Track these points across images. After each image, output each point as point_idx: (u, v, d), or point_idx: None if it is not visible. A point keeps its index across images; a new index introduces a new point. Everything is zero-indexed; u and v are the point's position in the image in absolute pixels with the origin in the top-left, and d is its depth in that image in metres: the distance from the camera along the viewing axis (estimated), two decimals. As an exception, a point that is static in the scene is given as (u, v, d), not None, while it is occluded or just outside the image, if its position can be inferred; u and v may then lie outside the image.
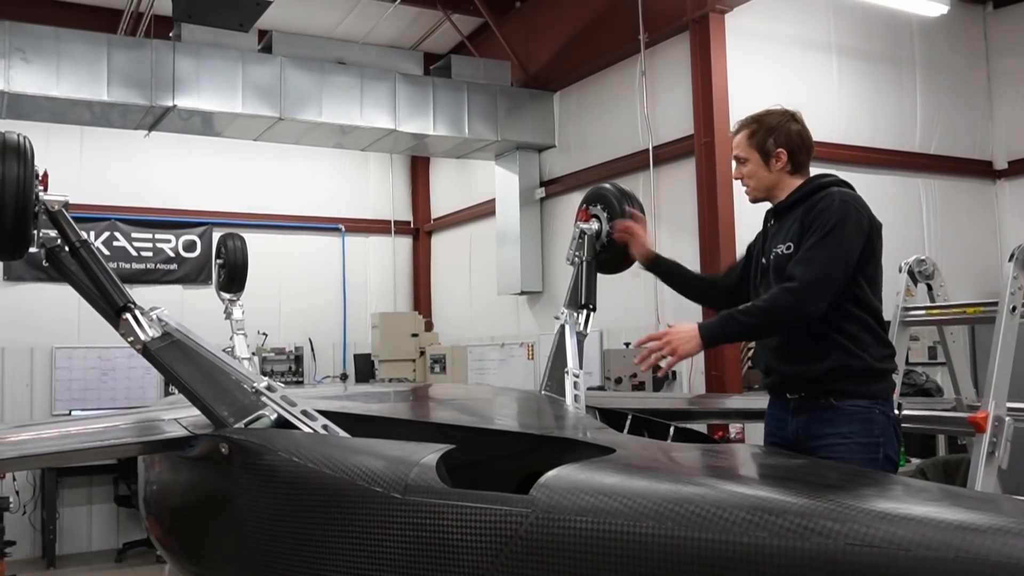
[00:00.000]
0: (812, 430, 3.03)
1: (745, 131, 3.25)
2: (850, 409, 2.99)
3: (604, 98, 8.98)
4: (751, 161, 3.24)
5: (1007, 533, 1.52)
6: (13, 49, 7.44)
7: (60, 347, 9.83)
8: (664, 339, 2.98)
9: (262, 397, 2.78)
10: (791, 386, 3.12)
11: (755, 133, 3.23)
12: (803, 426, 3.06)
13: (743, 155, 3.25)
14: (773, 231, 3.23)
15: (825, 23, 8.40)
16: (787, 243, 3.10)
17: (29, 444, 3.21)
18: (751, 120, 3.27)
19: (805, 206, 3.10)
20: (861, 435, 2.98)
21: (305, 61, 8.67)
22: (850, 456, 2.91)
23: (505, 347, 10.19)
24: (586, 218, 4.12)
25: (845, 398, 3.00)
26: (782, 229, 3.17)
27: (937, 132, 9.05)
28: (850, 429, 2.98)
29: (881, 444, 3.01)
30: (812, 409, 3.04)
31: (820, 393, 3.03)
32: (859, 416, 3.00)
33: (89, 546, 9.78)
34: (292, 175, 11.38)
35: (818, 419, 3.02)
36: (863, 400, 3.01)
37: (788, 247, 3.09)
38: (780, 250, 3.12)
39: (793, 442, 3.06)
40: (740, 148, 3.26)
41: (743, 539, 1.69)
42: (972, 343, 6.80)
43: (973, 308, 4.03)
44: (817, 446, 2.97)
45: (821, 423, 3.01)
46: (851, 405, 3.00)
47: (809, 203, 3.09)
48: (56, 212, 2.89)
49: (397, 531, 2.14)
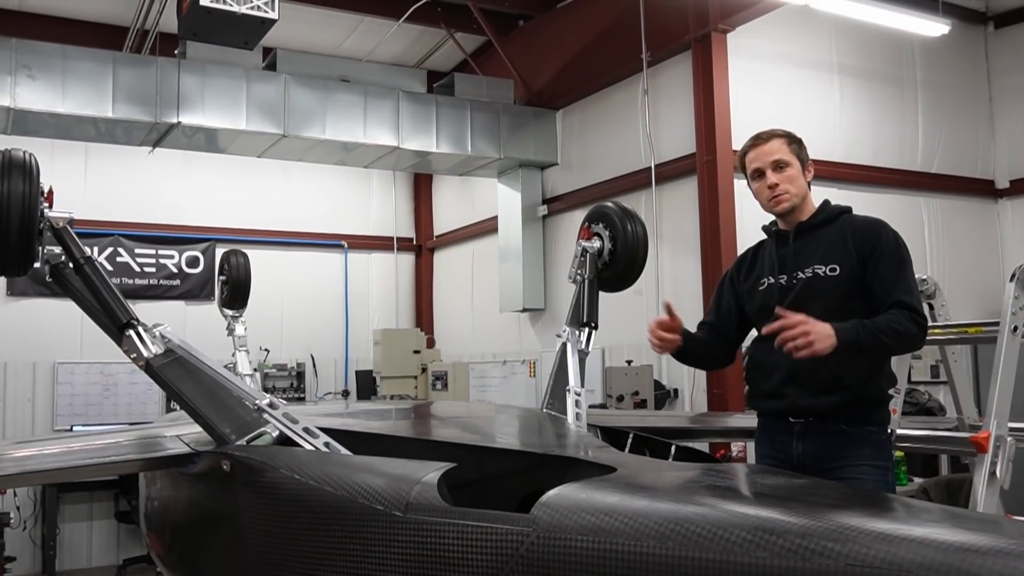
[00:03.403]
0: (822, 454, 2.97)
1: (781, 139, 3.13)
2: (861, 434, 2.97)
3: (607, 116, 9.02)
4: (793, 167, 3.11)
5: (1008, 555, 1.51)
6: (19, 66, 7.49)
7: (62, 362, 9.83)
8: (802, 328, 2.73)
9: (264, 414, 2.78)
10: (799, 411, 3.03)
11: (791, 142, 3.14)
12: (811, 450, 3.00)
13: (786, 159, 3.10)
14: (795, 250, 3.11)
15: (827, 43, 8.44)
16: (830, 265, 3.00)
17: (31, 460, 3.21)
18: (781, 131, 3.17)
19: (838, 229, 3.04)
20: (873, 459, 2.97)
21: (309, 79, 8.71)
22: (864, 479, 2.89)
23: (507, 364, 10.17)
24: (588, 236, 4.13)
25: (856, 424, 2.97)
26: (812, 250, 3.06)
27: (939, 151, 9.07)
28: (863, 453, 2.95)
29: (888, 468, 3.02)
30: (821, 434, 2.98)
31: (831, 419, 2.97)
32: (871, 440, 2.98)
33: (89, 562, 9.75)
34: (295, 192, 11.41)
35: (829, 444, 2.97)
36: (873, 426, 3.00)
37: (833, 269, 2.99)
38: (822, 271, 3.01)
39: (797, 466, 2.99)
40: (781, 152, 3.11)
41: (744, 559, 1.69)
42: (974, 363, 6.79)
43: (975, 328, 4.03)
44: (828, 469, 2.92)
45: (832, 447, 2.96)
46: (862, 430, 2.97)
47: (850, 226, 3.04)
48: (60, 229, 2.90)
49: (398, 549, 2.14)
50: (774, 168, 3.10)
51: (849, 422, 2.96)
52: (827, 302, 2.94)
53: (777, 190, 3.09)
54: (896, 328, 2.83)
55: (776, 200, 3.11)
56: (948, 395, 5.62)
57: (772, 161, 3.10)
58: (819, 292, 2.99)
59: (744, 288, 3.27)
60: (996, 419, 3.53)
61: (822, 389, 2.96)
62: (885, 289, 2.91)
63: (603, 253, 4.08)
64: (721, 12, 7.53)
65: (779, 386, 3.07)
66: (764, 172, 3.12)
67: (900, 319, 2.85)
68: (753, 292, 3.21)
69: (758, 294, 3.18)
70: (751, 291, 3.22)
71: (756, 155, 3.14)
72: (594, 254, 4.07)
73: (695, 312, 4.85)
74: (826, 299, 2.96)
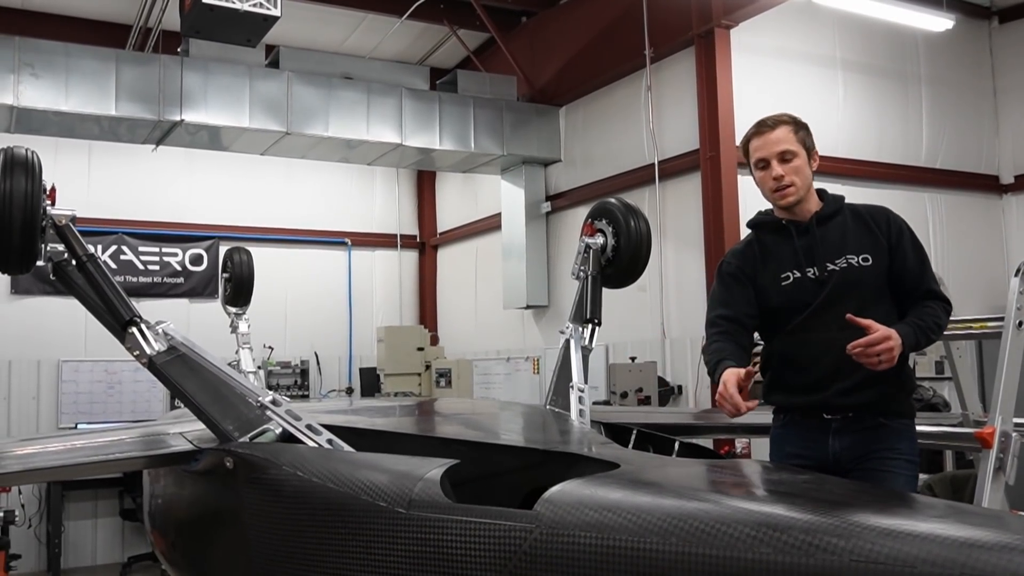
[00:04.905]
0: (861, 449, 2.93)
1: (787, 126, 3.00)
2: (898, 426, 2.97)
3: (610, 113, 9.01)
4: (799, 157, 2.99)
5: (1012, 550, 1.51)
6: (23, 64, 7.51)
7: (67, 360, 9.84)
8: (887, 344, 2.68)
9: (267, 411, 2.78)
10: (836, 407, 2.95)
11: (798, 130, 3.01)
12: (849, 446, 2.95)
13: (793, 149, 2.97)
14: (818, 239, 2.99)
15: (830, 38, 8.42)
16: (862, 255, 2.94)
17: (35, 458, 3.21)
18: (787, 117, 3.04)
19: (852, 217, 3.02)
20: (909, 452, 2.97)
21: (312, 76, 8.72)
22: (900, 472, 2.89)
23: (511, 361, 10.18)
24: (591, 233, 4.12)
25: (893, 416, 2.96)
26: (834, 240, 2.98)
27: (943, 147, 9.06)
28: (901, 446, 2.95)
29: (918, 462, 3.02)
30: (860, 429, 2.94)
31: (868, 413, 2.94)
32: (906, 433, 2.99)
33: (94, 560, 9.78)
34: (298, 189, 11.41)
35: (869, 437, 2.94)
36: (906, 419, 3.01)
37: (865, 259, 2.94)
38: (855, 261, 2.94)
39: (834, 463, 2.92)
40: (787, 142, 2.98)
41: (747, 555, 1.68)
42: (979, 358, 6.77)
43: (979, 323, 4.01)
44: (866, 464, 2.89)
45: (871, 440, 2.93)
46: (899, 423, 2.97)
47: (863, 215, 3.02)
48: (63, 226, 2.90)
49: (401, 546, 2.14)
50: (780, 159, 2.98)
51: (887, 415, 2.95)
52: (864, 293, 2.91)
53: (783, 182, 2.98)
54: (939, 323, 2.90)
55: (781, 193, 3.00)
56: (953, 391, 5.61)
57: (778, 152, 2.98)
58: (856, 283, 2.93)
59: (762, 283, 3.08)
60: (1001, 415, 3.51)
61: (864, 383, 2.89)
62: (915, 277, 2.95)
63: (606, 249, 4.08)
64: (724, 8, 7.52)
65: (820, 381, 2.96)
66: (769, 163, 3.00)
67: (938, 312, 2.90)
68: (776, 287, 3.04)
69: (784, 289, 3.02)
70: (772, 286, 3.05)
71: (761, 143, 3.02)
72: (597, 250, 4.06)
73: (698, 309, 4.84)
74: (863, 290, 2.92)
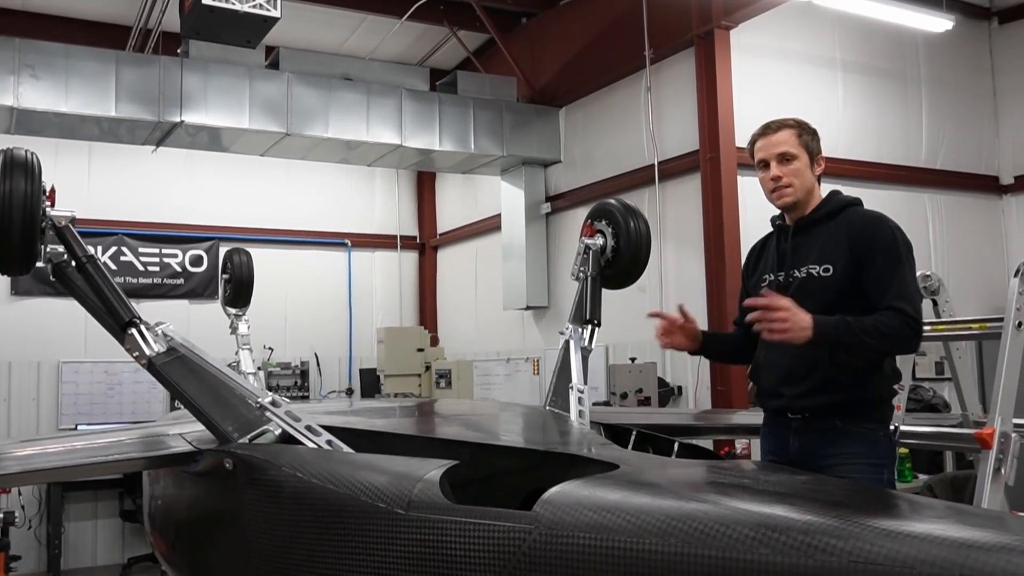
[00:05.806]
0: (816, 450, 2.96)
1: (790, 129, 3.06)
2: (857, 431, 2.95)
3: (610, 114, 9.01)
4: (800, 159, 3.04)
5: (1012, 551, 1.51)
6: (23, 66, 7.51)
7: (67, 361, 9.84)
8: (782, 313, 2.72)
9: (266, 412, 2.78)
10: (794, 409, 3.03)
11: (802, 133, 3.06)
12: (806, 446, 2.99)
13: (793, 151, 3.03)
14: (793, 247, 3.07)
15: (830, 39, 8.43)
16: (824, 265, 2.95)
17: (35, 459, 3.21)
18: (792, 121, 3.09)
19: (837, 225, 2.99)
20: (867, 456, 2.94)
21: (312, 77, 8.71)
22: (858, 477, 2.86)
23: (511, 362, 10.17)
24: (591, 233, 4.13)
25: (851, 421, 2.95)
26: (810, 248, 3.02)
27: (943, 147, 9.06)
28: (857, 451, 2.93)
29: (885, 466, 2.99)
30: (817, 430, 2.97)
31: (826, 416, 2.96)
32: (866, 438, 2.96)
33: (94, 561, 9.77)
34: (298, 190, 11.42)
35: (823, 440, 2.96)
36: (870, 423, 2.98)
37: (827, 269, 2.95)
38: (816, 271, 2.97)
39: (795, 462, 2.98)
40: (789, 144, 3.03)
41: (747, 556, 1.68)
42: (979, 359, 6.77)
43: (979, 324, 4.01)
44: (823, 466, 2.90)
45: (826, 444, 2.95)
46: (858, 427, 2.95)
47: (847, 224, 2.98)
48: (63, 227, 2.90)
49: (401, 547, 2.14)
50: (779, 160, 3.04)
51: (844, 419, 2.94)
52: (819, 303, 2.87)
53: (781, 183, 3.04)
54: (882, 330, 2.79)
55: (779, 193, 3.06)
56: (952, 391, 5.61)
57: (778, 153, 3.04)
58: (812, 292, 2.94)
59: (750, 284, 3.24)
60: (1000, 415, 3.51)
61: (817, 389, 2.94)
62: (879, 291, 2.86)
63: (606, 250, 4.08)
64: (724, 9, 7.52)
65: (776, 386, 3.07)
66: (769, 163, 3.07)
67: (889, 321, 2.80)
68: (756, 289, 3.16)
69: (759, 292, 3.12)
70: (755, 288, 3.16)
71: (763, 145, 3.09)
72: (597, 251, 4.07)
73: (699, 310, 4.84)
74: (818, 300, 2.89)
